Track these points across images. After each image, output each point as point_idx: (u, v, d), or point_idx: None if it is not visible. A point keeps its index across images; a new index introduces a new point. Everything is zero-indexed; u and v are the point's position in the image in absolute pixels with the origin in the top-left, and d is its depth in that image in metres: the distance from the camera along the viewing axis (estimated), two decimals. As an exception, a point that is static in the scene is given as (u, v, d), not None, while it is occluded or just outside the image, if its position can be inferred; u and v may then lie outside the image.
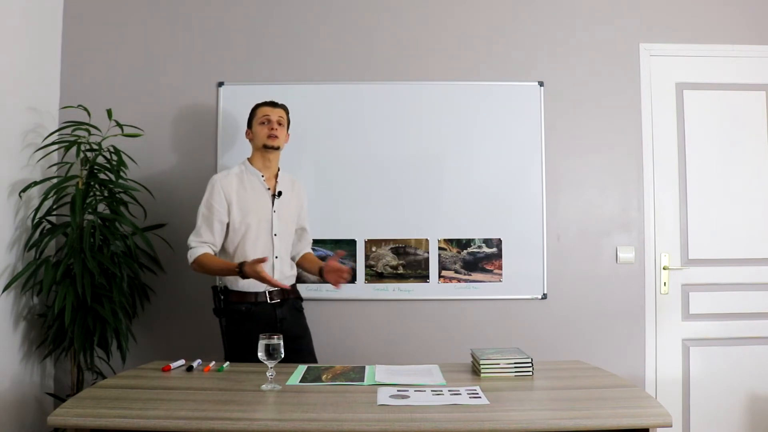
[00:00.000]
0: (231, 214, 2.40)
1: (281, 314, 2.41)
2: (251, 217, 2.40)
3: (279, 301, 2.41)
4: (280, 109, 2.50)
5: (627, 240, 2.99)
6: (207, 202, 2.41)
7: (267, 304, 2.39)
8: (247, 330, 2.31)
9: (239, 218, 2.39)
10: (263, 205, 2.43)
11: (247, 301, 2.38)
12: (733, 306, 2.98)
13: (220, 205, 2.39)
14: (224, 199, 2.40)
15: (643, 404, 1.71)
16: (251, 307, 2.38)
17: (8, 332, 2.58)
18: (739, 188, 3.02)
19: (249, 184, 2.44)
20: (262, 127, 2.45)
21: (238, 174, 2.46)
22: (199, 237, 2.40)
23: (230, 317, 2.40)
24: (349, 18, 3.03)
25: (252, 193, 2.43)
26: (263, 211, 2.42)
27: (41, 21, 2.86)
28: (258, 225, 2.40)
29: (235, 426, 1.53)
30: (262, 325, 2.31)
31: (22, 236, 2.68)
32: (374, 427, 1.53)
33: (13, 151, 2.63)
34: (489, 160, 2.97)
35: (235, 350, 2.37)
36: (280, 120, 2.47)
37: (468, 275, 2.95)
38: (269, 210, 2.43)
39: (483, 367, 1.98)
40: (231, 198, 2.40)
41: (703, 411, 2.94)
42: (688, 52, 3.05)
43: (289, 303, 2.46)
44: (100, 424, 1.56)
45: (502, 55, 3.03)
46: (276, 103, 2.51)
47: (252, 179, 2.45)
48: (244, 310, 2.38)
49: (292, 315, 2.46)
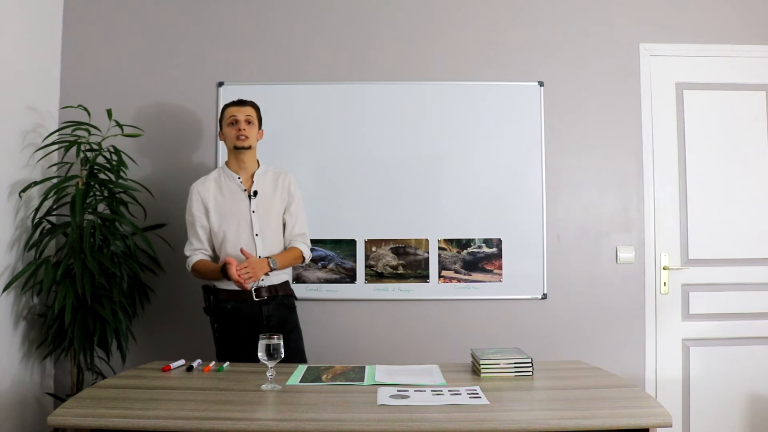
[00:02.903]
0: (209, 219, 2.43)
1: (267, 311, 2.40)
2: (229, 221, 2.41)
3: (266, 298, 2.40)
4: (248, 107, 2.47)
5: (627, 240, 2.99)
6: (188, 210, 2.46)
7: (253, 301, 2.38)
8: (233, 327, 2.35)
9: (217, 223, 2.42)
10: (241, 207, 2.43)
11: (234, 299, 2.38)
12: (733, 306, 2.98)
13: (198, 211, 2.43)
14: (202, 204, 2.43)
15: (643, 404, 1.71)
16: (237, 304, 2.38)
17: (8, 332, 2.58)
18: (739, 188, 3.02)
19: (226, 188, 2.46)
20: (231, 129, 2.44)
21: (216, 179, 2.48)
22: (190, 245, 2.45)
23: (218, 315, 2.42)
24: (349, 18, 3.03)
25: (229, 196, 2.44)
26: (242, 213, 2.42)
27: (41, 21, 2.86)
28: (237, 228, 2.41)
29: (235, 426, 1.53)
30: (247, 323, 2.34)
31: (22, 236, 2.68)
32: (374, 427, 1.53)
33: (13, 151, 2.63)
34: (489, 160, 2.97)
35: (223, 348, 2.40)
36: (248, 119, 2.45)
37: (468, 275, 2.95)
38: (247, 211, 2.43)
39: (483, 367, 1.98)
40: (208, 204, 2.43)
41: (703, 411, 2.94)
42: (688, 52, 3.05)
43: (277, 300, 2.44)
44: (100, 424, 1.56)
45: (502, 55, 3.03)
46: (244, 101, 2.49)
47: (228, 182, 2.46)
48: (230, 308, 2.39)
49: (279, 312, 2.44)
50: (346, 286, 2.89)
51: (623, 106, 3.02)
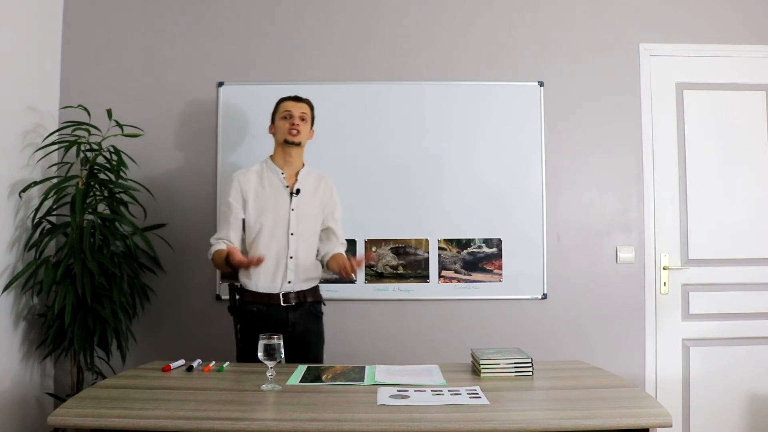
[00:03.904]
0: (246, 211, 2.37)
1: (293, 318, 2.35)
2: (266, 216, 2.36)
3: (293, 305, 2.36)
4: (303, 104, 2.44)
5: (627, 240, 2.99)
6: (225, 200, 2.39)
7: (280, 306, 2.34)
8: (256, 331, 2.22)
9: (254, 216, 2.36)
10: (281, 203, 2.38)
11: (260, 302, 2.34)
12: (733, 306, 2.98)
13: (236, 201, 2.37)
14: (240, 196, 2.37)
15: (643, 404, 1.71)
16: (263, 308, 2.34)
17: (8, 332, 2.58)
18: (739, 188, 3.02)
19: (268, 182, 2.41)
20: (284, 122, 2.40)
21: (258, 171, 2.43)
22: (217, 234, 2.40)
23: (242, 317, 2.38)
24: (349, 18, 3.03)
25: (270, 190, 2.39)
26: (280, 210, 2.37)
27: (41, 21, 2.86)
28: (273, 224, 2.35)
29: (235, 426, 1.53)
30: (272, 328, 2.27)
31: (22, 236, 2.68)
32: (374, 427, 1.53)
33: (13, 151, 2.63)
34: (489, 160, 2.97)
35: (244, 350, 2.35)
36: (302, 115, 2.41)
37: (468, 275, 2.95)
38: (287, 208, 2.38)
39: (483, 367, 1.98)
40: (247, 195, 2.37)
41: (703, 411, 2.94)
42: (688, 52, 3.05)
43: (305, 307, 2.39)
44: (100, 424, 1.56)
45: (502, 55, 3.03)
46: (300, 97, 2.46)
47: (271, 176, 2.41)
48: (255, 311, 2.34)
49: (305, 320, 2.39)
50: (347, 286, 2.89)
51: (623, 106, 3.02)
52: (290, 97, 2.46)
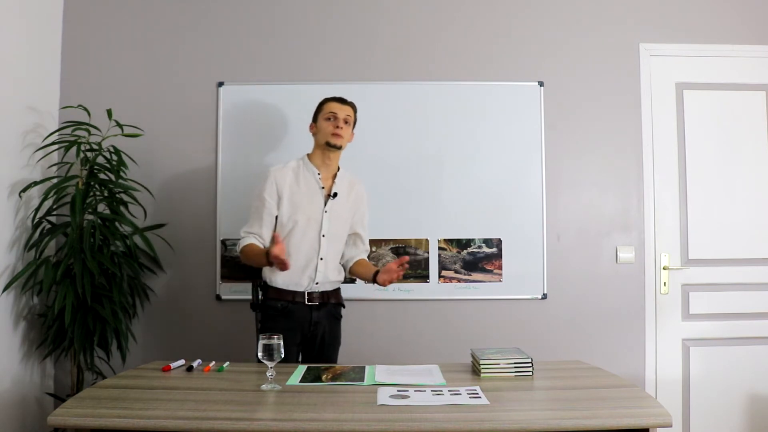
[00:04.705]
0: (281, 207, 2.35)
1: (317, 317, 2.36)
2: (300, 215, 2.34)
3: (317, 304, 2.36)
4: (348, 107, 2.41)
5: (627, 240, 2.99)
6: (259, 194, 2.36)
7: (304, 304, 2.34)
8: (280, 327, 2.21)
9: (288, 214, 2.34)
10: (315, 203, 2.36)
11: (285, 299, 2.34)
12: (733, 306, 2.98)
13: (270, 197, 2.34)
14: (276, 192, 2.35)
15: (643, 404, 1.71)
16: (288, 305, 2.33)
17: (8, 332, 2.58)
18: (739, 188, 3.02)
19: (303, 181, 2.38)
20: (328, 123, 2.36)
21: (294, 168, 2.40)
22: (249, 227, 2.36)
23: (266, 313, 2.37)
24: (349, 18, 3.03)
25: (305, 189, 2.37)
26: (314, 210, 2.35)
27: (41, 21, 2.86)
28: (306, 223, 2.34)
29: (235, 426, 1.53)
30: (296, 325, 2.30)
31: (22, 236, 2.68)
32: (374, 427, 1.53)
33: (13, 151, 2.63)
34: (489, 160, 2.97)
35: None
36: (347, 118, 2.38)
37: (468, 275, 2.95)
38: (320, 209, 2.36)
39: (483, 367, 1.98)
40: (283, 192, 2.34)
41: (703, 411, 2.94)
42: (688, 52, 3.05)
43: (327, 308, 2.40)
44: (100, 424, 1.56)
45: (502, 55, 3.03)
46: (345, 100, 2.42)
47: (307, 176, 2.39)
48: (280, 307, 2.34)
49: (327, 321, 2.40)
50: (346, 286, 2.87)
51: (623, 106, 3.02)
52: (335, 98, 2.42)
